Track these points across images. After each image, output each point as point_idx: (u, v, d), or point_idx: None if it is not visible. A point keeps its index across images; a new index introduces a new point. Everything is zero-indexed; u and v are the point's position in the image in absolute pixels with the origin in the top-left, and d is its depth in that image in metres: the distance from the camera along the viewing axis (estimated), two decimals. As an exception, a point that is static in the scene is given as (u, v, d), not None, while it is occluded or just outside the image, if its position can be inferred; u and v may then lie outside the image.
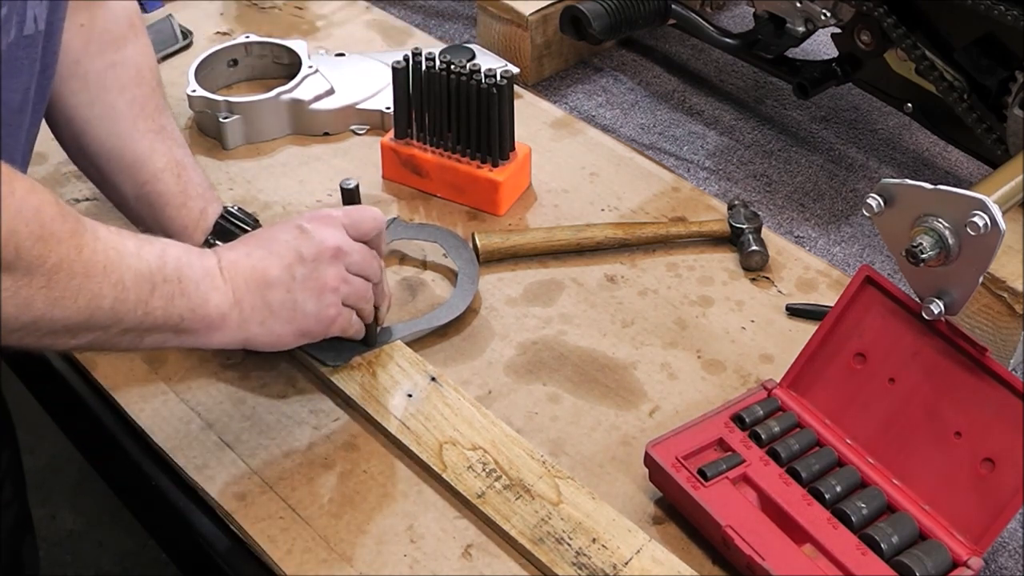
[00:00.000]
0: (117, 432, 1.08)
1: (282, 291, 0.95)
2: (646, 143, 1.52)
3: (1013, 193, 1.07)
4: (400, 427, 1.03)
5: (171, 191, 1.06)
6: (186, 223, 1.07)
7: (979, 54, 1.25)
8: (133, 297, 0.83)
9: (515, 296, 1.20)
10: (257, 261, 0.94)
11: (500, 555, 0.95)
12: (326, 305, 0.97)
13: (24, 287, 0.75)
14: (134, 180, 1.06)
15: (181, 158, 1.08)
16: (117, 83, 1.05)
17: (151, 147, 1.06)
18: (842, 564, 0.89)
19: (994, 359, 0.92)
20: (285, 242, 0.96)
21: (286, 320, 0.95)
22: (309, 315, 0.96)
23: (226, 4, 1.66)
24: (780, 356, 1.11)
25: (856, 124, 1.57)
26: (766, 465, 0.97)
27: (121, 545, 1.90)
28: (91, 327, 0.82)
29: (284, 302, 0.95)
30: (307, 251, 0.96)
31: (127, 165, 1.06)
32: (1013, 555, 1.00)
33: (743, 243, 1.23)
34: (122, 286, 0.82)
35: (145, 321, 0.85)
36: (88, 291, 0.79)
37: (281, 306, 0.95)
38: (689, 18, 1.54)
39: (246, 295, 0.93)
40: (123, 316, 0.83)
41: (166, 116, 1.09)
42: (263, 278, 0.94)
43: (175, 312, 0.87)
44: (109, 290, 0.81)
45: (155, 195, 1.06)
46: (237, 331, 0.93)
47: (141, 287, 0.84)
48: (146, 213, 1.08)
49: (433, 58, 1.26)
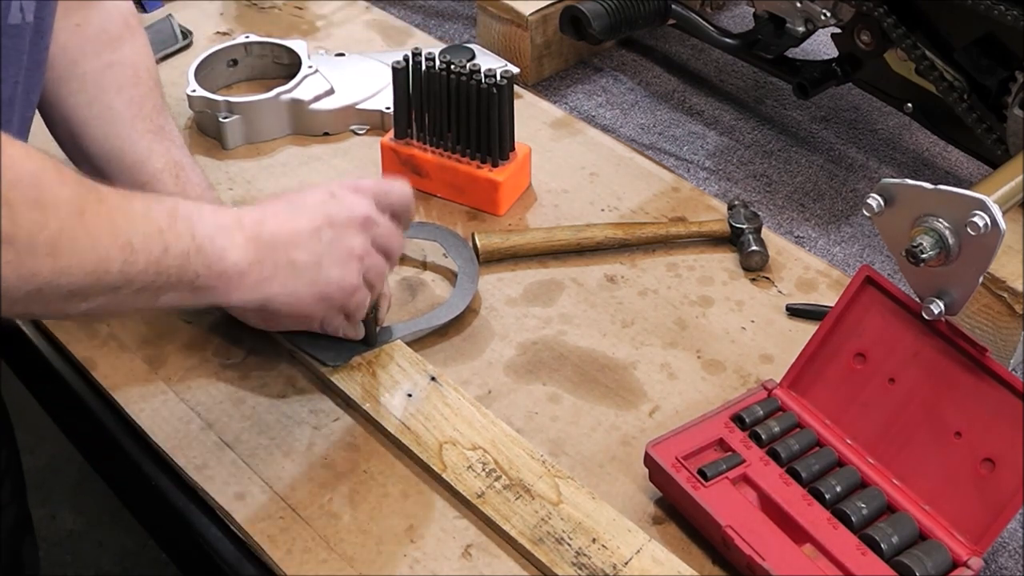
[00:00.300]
0: (117, 432, 1.08)
1: (307, 252, 0.92)
2: (646, 143, 1.52)
3: (1013, 193, 1.07)
4: (400, 427, 1.03)
5: (169, 192, 1.06)
6: None
7: (979, 54, 1.25)
8: (143, 259, 0.80)
9: (515, 296, 1.20)
10: (284, 221, 0.92)
11: (500, 555, 0.95)
12: (350, 272, 0.94)
13: (27, 257, 0.73)
14: (132, 181, 1.06)
15: (180, 158, 1.08)
16: (115, 83, 1.05)
17: (149, 148, 1.06)
18: (842, 564, 0.89)
19: (994, 359, 0.92)
20: (314, 205, 0.93)
21: (308, 282, 0.92)
22: (332, 281, 0.94)
23: (226, 4, 1.66)
24: (780, 356, 1.11)
25: (856, 124, 1.57)
26: (766, 465, 0.97)
27: (121, 545, 1.90)
28: (101, 291, 0.79)
29: (308, 264, 0.92)
30: (336, 216, 0.93)
31: (126, 166, 1.06)
32: (1013, 555, 1.00)
33: (743, 243, 1.23)
34: (131, 249, 0.79)
35: (158, 281, 0.82)
36: (94, 257, 0.77)
37: (305, 268, 0.92)
38: (689, 18, 1.54)
39: (268, 253, 0.90)
40: (134, 278, 0.80)
41: (164, 116, 1.09)
42: (289, 237, 0.91)
43: (190, 270, 0.84)
44: (117, 253, 0.78)
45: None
46: (256, 290, 0.90)
47: (151, 248, 0.81)
48: None
49: (433, 58, 1.26)
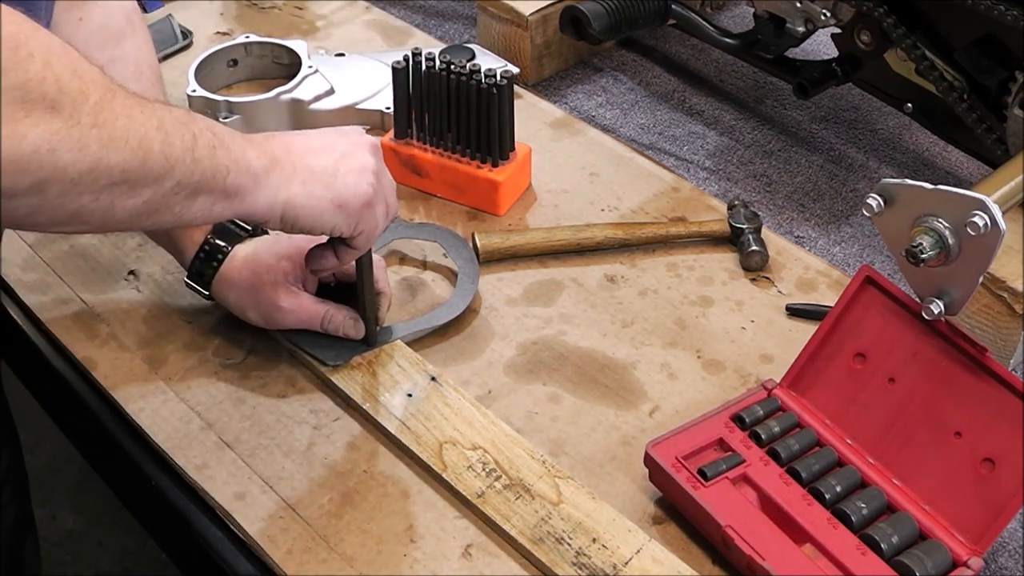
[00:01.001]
0: (117, 432, 1.08)
1: (323, 159, 0.92)
2: (646, 143, 1.51)
3: (1013, 193, 1.07)
4: (400, 427, 1.03)
5: None
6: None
7: (979, 54, 1.25)
8: (179, 143, 0.79)
9: (515, 296, 1.20)
10: (296, 136, 0.93)
11: (500, 555, 0.95)
12: (365, 182, 0.94)
13: (75, 126, 0.71)
14: None
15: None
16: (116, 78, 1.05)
17: None
18: (842, 564, 0.89)
19: (994, 359, 0.92)
20: (322, 131, 0.96)
21: (325, 185, 0.91)
22: (349, 186, 0.92)
23: (226, 4, 1.66)
24: (780, 356, 1.11)
25: (856, 124, 1.56)
26: (766, 465, 0.97)
27: (121, 545, 1.90)
28: (147, 177, 0.76)
29: (325, 168, 0.91)
30: (347, 139, 0.95)
31: None
32: (1013, 555, 1.00)
33: (743, 243, 1.23)
34: (164, 131, 0.77)
35: (195, 171, 0.80)
36: (136, 131, 0.75)
37: (322, 171, 0.91)
38: (689, 18, 1.54)
39: (285, 156, 0.90)
40: (174, 164, 0.78)
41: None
42: (303, 146, 0.92)
43: (221, 163, 0.83)
44: (155, 133, 0.76)
45: None
46: (277, 191, 0.88)
47: (183, 134, 0.79)
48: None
49: (433, 58, 1.26)
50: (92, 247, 1.24)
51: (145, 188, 0.77)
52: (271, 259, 1.06)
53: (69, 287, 1.19)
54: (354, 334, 1.07)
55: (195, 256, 1.08)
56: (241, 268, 1.07)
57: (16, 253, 1.23)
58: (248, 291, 1.07)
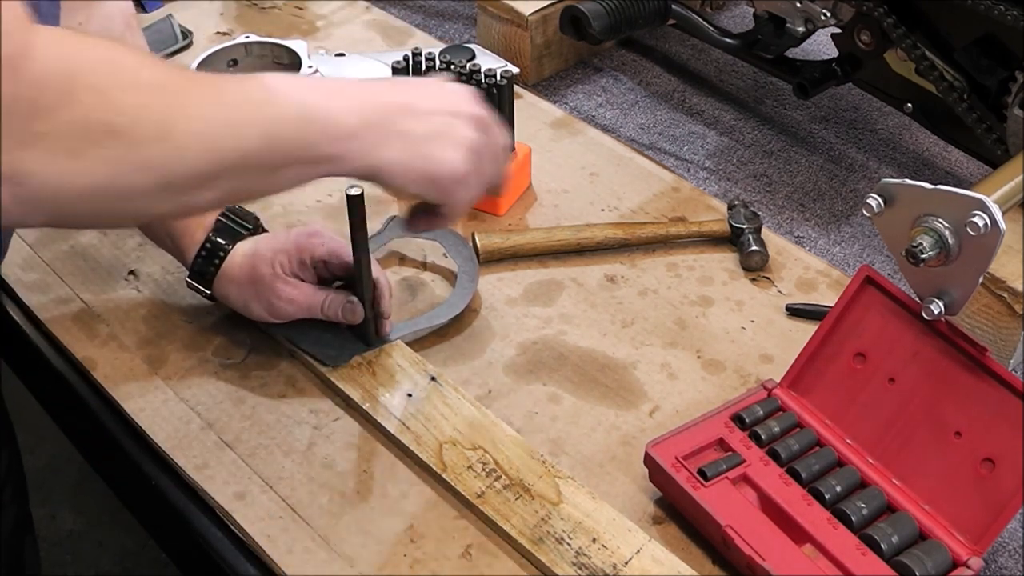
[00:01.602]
0: (117, 432, 1.08)
1: (421, 125, 0.86)
2: (646, 143, 1.51)
3: (1013, 193, 1.07)
4: (400, 427, 1.03)
5: None
6: (188, 221, 1.08)
7: (979, 54, 1.25)
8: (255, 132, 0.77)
9: (515, 296, 1.20)
10: (396, 93, 0.87)
11: (500, 555, 0.95)
12: (460, 158, 0.88)
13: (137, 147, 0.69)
14: None
15: None
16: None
17: None
18: (842, 564, 0.89)
19: (994, 359, 0.92)
20: (429, 87, 0.90)
21: (420, 156, 0.86)
22: (445, 161, 0.87)
23: (226, 4, 1.66)
24: (780, 356, 1.11)
25: (856, 124, 1.56)
26: (766, 465, 0.97)
27: (121, 545, 1.90)
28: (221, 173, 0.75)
29: (421, 137, 0.86)
30: (452, 100, 0.89)
31: None
32: (1013, 555, 1.00)
33: (743, 243, 1.23)
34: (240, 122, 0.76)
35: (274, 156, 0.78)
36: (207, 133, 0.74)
37: (417, 140, 0.86)
38: (689, 18, 1.54)
39: (381, 118, 0.85)
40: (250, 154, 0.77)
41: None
42: (401, 107, 0.86)
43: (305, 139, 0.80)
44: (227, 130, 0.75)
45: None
46: (369, 155, 0.83)
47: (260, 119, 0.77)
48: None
49: (433, 58, 1.26)
50: (92, 247, 1.24)
51: (223, 181, 0.76)
52: (269, 253, 1.07)
53: (69, 287, 1.19)
54: (352, 319, 1.07)
55: (196, 255, 1.08)
56: (241, 264, 1.08)
57: (16, 253, 1.23)
58: (248, 285, 1.07)
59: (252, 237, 1.10)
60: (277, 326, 1.10)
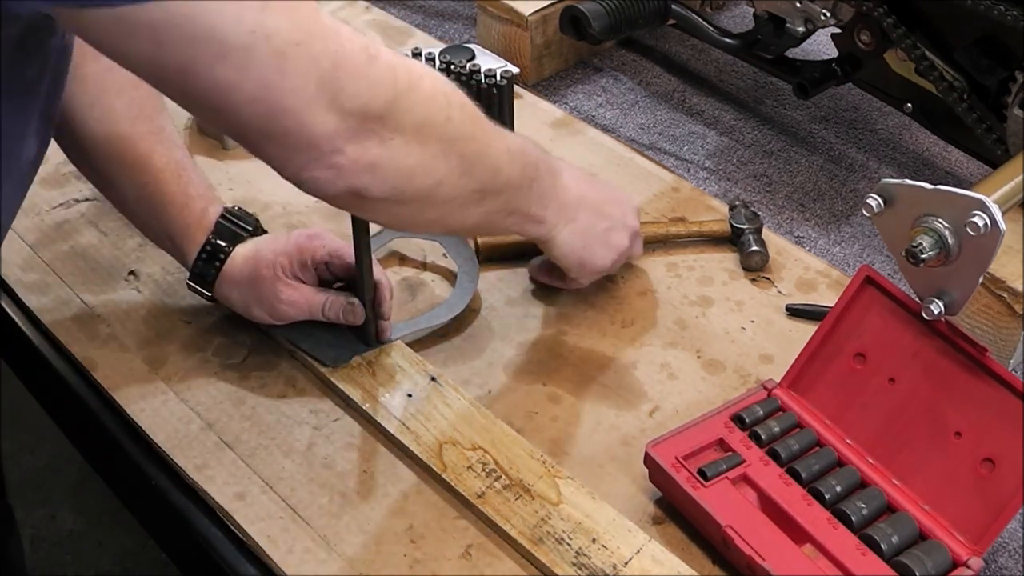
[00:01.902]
0: (117, 432, 1.08)
1: (596, 220, 1.08)
2: (646, 143, 1.51)
3: (1013, 193, 1.07)
4: (400, 427, 1.03)
5: (172, 191, 1.07)
6: (188, 222, 1.08)
7: (979, 54, 1.25)
8: (516, 171, 0.96)
9: (515, 296, 1.20)
10: (589, 190, 1.09)
11: (500, 555, 0.95)
12: (609, 258, 1.11)
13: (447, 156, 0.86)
14: (134, 181, 1.06)
15: (180, 159, 1.08)
16: (115, 85, 1.05)
17: (151, 148, 1.06)
18: (842, 564, 0.89)
19: (994, 359, 0.92)
20: (609, 194, 1.12)
21: (583, 244, 1.08)
22: (596, 254, 1.09)
23: (226, 4, 1.65)
24: (780, 356, 1.11)
25: (856, 124, 1.56)
26: (766, 465, 0.97)
27: (121, 545, 1.90)
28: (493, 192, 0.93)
29: (591, 230, 1.08)
30: (622, 212, 1.11)
31: (128, 166, 1.06)
32: (1013, 555, 1.00)
33: (743, 243, 1.23)
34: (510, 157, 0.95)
35: (518, 197, 0.97)
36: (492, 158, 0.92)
37: (587, 231, 1.07)
38: (689, 18, 1.54)
39: (574, 204, 1.06)
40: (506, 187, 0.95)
41: (164, 117, 1.09)
42: (590, 202, 1.08)
43: (535, 195, 1.00)
44: (505, 157, 0.94)
45: (157, 196, 1.06)
46: (556, 226, 1.04)
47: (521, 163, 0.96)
48: (148, 214, 1.08)
49: (433, 58, 1.26)
50: (92, 247, 1.24)
51: (489, 202, 0.93)
52: (270, 255, 1.07)
53: (69, 287, 1.19)
54: (353, 320, 1.07)
55: (197, 257, 1.08)
56: (242, 266, 1.07)
57: (16, 253, 1.23)
58: (249, 287, 1.07)
59: (253, 239, 1.10)
60: (277, 327, 1.10)
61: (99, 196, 1.25)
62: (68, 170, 1.33)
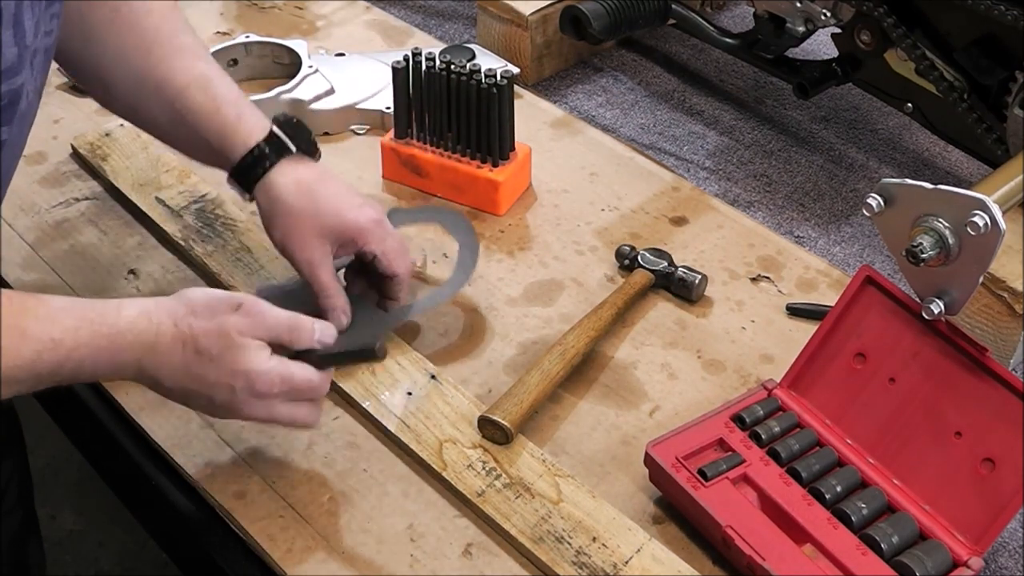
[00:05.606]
0: (117, 432, 1.07)
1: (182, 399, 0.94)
2: (646, 143, 1.52)
3: (1013, 193, 1.07)
4: (400, 425, 1.03)
5: (200, 102, 1.04)
6: (222, 130, 1.04)
7: (979, 54, 1.25)
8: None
9: (515, 296, 1.20)
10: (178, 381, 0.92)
11: (500, 554, 0.95)
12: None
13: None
14: (161, 103, 1.04)
15: (205, 71, 1.05)
16: (124, 24, 1.04)
17: (170, 68, 1.04)
18: (842, 564, 0.89)
19: (994, 359, 0.92)
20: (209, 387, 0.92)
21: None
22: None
23: (226, 4, 1.66)
24: (780, 356, 1.11)
25: (856, 124, 1.57)
26: (766, 465, 0.97)
27: (121, 545, 1.90)
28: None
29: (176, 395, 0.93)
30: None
31: (151, 91, 1.04)
32: (1013, 555, 1.00)
33: (677, 279, 1.18)
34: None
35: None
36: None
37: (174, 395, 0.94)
38: (689, 18, 1.54)
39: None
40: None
41: (184, 36, 1.07)
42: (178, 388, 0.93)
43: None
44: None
45: (185, 111, 1.04)
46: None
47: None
48: (182, 133, 1.06)
49: (433, 58, 1.26)
50: (92, 246, 1.24)
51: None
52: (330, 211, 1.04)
53: (69, 287, 1.19)
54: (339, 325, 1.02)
55: (241, 160, 1.04)
56: (295, 192, 1.03)
57: (16, 253, 1.23)
58: (286, 217, 1.04)
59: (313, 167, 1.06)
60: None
61: (99, 195, 1.25)
62: (68, 169, 1.33)
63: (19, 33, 0.79)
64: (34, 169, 1.33)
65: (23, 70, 0.82)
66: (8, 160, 0.88)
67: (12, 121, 0.84)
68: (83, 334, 0.86)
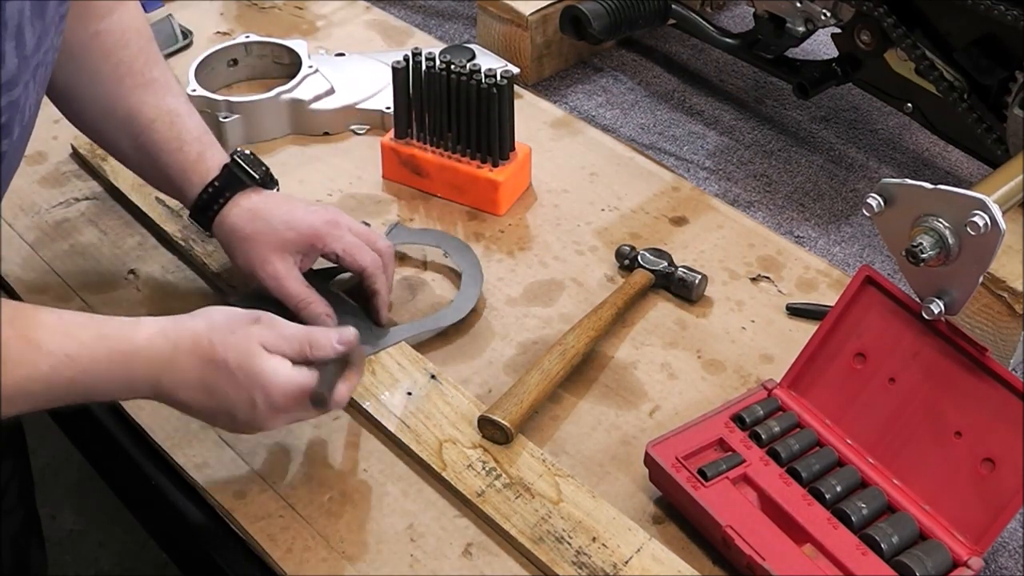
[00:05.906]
0: (117, 432, 1.07)
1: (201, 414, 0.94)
2: (646, 143, 1.52)
3: (1013, 193, 1.07)
4: (400, 425, 1.03)
5: (164, 138, 1.07)
6: (183, 167, 1.07)
7: (979, 54, 1.25)
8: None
9: (515, 296, 1.20)
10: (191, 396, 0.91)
11: (500, 554, 0.95)
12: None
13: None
14: (128, 134, 1.07)
15: (174, 106, 1.08)
16: (101, 50, 1.06)
17: (140, 100, 1.07)
18: (842, 564, 0.89)
19: (994, 359, 0.92)
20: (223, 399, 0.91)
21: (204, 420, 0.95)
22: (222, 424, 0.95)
23: (226, 4, 1.66)
24: (780, 356, 1.11)
25: (856, 124, 1.57)
26: (766, 465, 0.97)
27: (121, 545, 1.90)
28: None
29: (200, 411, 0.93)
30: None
31: (119, 121, 1.07)
32: (1013, 555, 1.00)
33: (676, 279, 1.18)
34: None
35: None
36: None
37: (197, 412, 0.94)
38: (689, 18, 1.54)
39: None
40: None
41: (158, 69, 1.09)
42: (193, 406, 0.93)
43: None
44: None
45: (150, 144, 1.07)
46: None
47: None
48: (146, 163, 1.09)
49: (433, 58, 1.26)
50: (92, 246, 1.24)
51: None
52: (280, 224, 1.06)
53: (69, 287, 1.19)
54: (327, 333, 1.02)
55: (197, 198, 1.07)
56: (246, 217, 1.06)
57: (16, 253, 1.23)
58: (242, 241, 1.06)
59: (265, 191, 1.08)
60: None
61: (99, 195, 1.25)
62: (68, 169, 1.33)
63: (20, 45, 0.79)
64: (34, 169, 1.33)
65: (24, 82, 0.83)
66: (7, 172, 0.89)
67: (12, 134, 0.84)
68: (100, 351, 0.86)
